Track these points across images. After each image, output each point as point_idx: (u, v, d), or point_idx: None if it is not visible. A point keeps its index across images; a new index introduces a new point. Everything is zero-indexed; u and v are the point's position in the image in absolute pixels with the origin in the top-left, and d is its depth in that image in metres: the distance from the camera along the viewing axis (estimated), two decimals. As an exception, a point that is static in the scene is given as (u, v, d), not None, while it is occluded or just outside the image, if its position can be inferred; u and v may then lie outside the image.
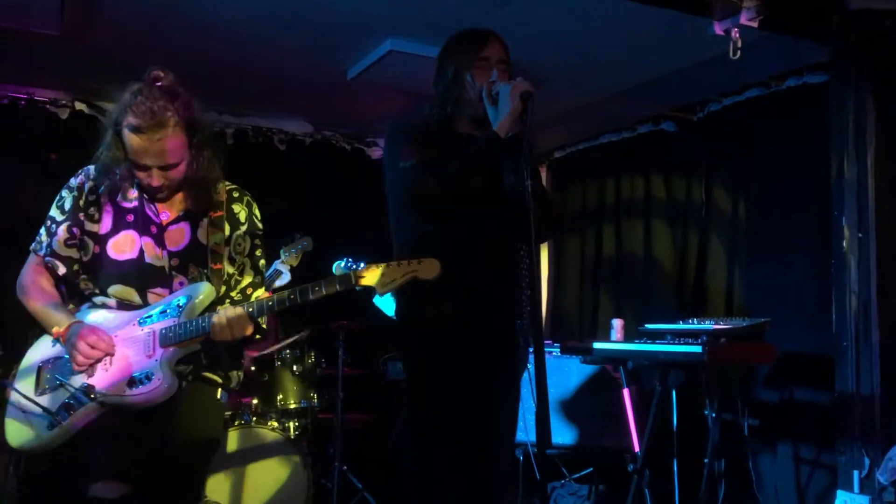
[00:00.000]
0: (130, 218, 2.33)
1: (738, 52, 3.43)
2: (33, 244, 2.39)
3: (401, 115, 2.68)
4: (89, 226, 2.33)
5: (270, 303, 2.19)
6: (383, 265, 2.15)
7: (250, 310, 2.20)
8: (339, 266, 2.75)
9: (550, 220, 2.70)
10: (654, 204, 5.28)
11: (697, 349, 3.47)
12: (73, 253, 2.33)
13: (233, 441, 4.02)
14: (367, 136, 6.01)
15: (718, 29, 3.47)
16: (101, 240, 2.31)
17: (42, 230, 2.38)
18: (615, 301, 5.51)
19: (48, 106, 4.97)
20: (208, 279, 2.31)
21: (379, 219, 2.79)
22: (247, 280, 2.43)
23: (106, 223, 2.33)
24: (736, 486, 4.03)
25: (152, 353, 2.21)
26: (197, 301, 2.25)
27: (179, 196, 2.36)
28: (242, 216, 2.43)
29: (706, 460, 3.65)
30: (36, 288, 2.33)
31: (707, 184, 4.88)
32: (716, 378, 3.83)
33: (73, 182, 2.38)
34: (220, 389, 2.40)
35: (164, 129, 2.16)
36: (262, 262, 2.48)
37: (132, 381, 2.19)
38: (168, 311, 2.25)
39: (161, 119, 2.15)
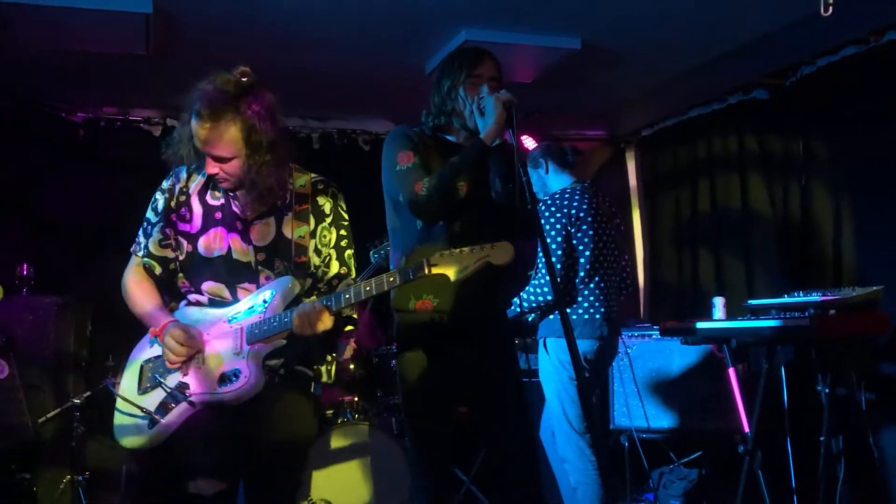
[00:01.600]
0: (218, 216, 2.38)
1: (830, 9, 3.24)
2: (133, 246, 2.46)
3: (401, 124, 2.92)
4: (182, 226, 2.40)
5: (347, 295, 2.21)
6: (456, 251, 2.16)
7: (328, 303, 2.21)
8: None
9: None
10: (750, 171, 5.09)
11: (805, 323, 3.34)
12: (168, 253, 2.40)
13: (336, 438, 4.08)
14: (450, 130, 6.00)
15: (807, -17, 3.30)
16: (193, 238, 2.38)
17: (140, 232, 2.46)
18: (715, 272, 5.34)
19: (142, 124, 5.19)
20: (293, 273, 2.34)
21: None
22: (333, 271, 2.45)
23: (196, 222, 2.39)
24: (857, 464, 3.84)
25: (240, 350, 2.26)
26: (281, 296, 2.29)
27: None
28: (327, 208, 2.45)
29: (822, 438, 3.49)
30: (136, 289, 2.41)
31: (805, 148, 4.68)
32: (828, 352, 3.66)
33: (165, 184, 2.45)
34: (312, 383, 2.43)
35: (218, 120, 2.18)
36: (349, 252, 2.49)
37: (222, 378, 2.24)
38: (255, 306, 2.29)
39: (216, 109, 2.18)
